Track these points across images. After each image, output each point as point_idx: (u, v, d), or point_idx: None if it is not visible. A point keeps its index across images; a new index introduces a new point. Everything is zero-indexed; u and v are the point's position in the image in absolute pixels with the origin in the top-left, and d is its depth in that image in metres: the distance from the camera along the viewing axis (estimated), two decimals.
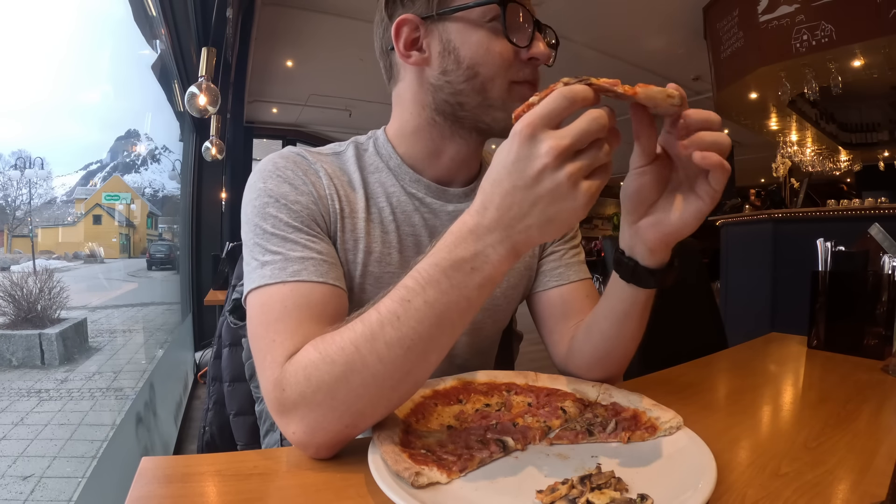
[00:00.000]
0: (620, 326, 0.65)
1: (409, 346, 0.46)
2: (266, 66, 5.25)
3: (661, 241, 0.56)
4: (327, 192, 0.65)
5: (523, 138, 0.42)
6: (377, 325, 0.46)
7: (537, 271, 0.81)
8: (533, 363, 0.79)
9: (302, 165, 0.65)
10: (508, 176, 0.43)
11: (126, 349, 2.56)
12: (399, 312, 0.46)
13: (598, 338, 0.68)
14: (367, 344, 0.46)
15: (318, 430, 0.49)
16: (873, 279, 0.96)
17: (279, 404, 0.50)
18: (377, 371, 0.46)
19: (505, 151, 0.44)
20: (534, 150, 0.42)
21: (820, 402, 0.72)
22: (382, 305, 0.47)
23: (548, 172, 0.42)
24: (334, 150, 0.71)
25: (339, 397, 0.47)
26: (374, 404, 0.49)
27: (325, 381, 0.47)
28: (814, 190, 5.06)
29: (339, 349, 0.47)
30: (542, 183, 0.42)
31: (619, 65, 5.90)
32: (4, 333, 1.66)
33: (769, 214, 3.75)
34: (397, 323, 0.46)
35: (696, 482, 0.42)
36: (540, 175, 0.42)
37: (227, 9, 3.07)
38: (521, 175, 0.42)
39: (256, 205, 0.61)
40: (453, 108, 0.66)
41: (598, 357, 0.70)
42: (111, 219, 2.91)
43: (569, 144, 0.41)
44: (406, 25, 0.65)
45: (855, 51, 3.67)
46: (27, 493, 1.33)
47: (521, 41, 0.63)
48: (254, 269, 0.58)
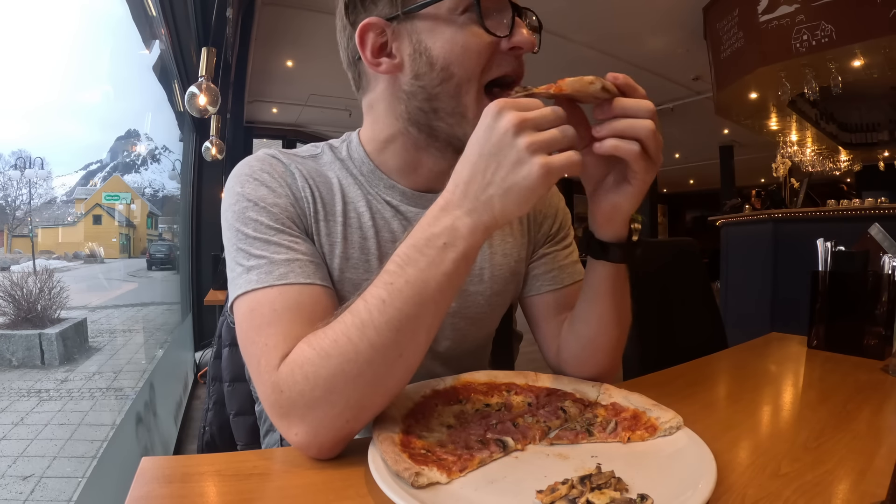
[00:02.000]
0: (593, 306, 0.66)
1: (398, 328, 0.47)
2: (266, 66, 5.25)
3: (603, 215, 0.60)
4: (303, 195, 0.63)
5: (491, 114, 0.47)
6: (365, 312, 0.48)
7: (528, 275, 0.79)
8: (533, 363, 0.79)
9: (277, 168, 0.63)
10: (473, 147, 0.48)
11: (126, 349, 2.56)
12: (384, 296, 0.47)
13: (579, 324, 0.69)
14: (358, 332, 0.47)
15: (321, 427, 0.49)
16: (873, 279, 0.96)
17: (279, 407, 0.50)
18: (371, 358, 0.47)
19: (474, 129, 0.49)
20: (498, 122, 0.46)
21: (820, 402, 0.72)
22: (368, 293, 0.49)
23: (508, 138, 0.46)
24: (311, 153, 0.69)
25: (337, 390, 0.47)
26: (372, 393, 0.49)
27: (323, 375, 0.47)
28: (814, 190, 5.07)
29: (332, 342, 0.48)
30: (503, 150, 0.46)
31: (620, 65, 5.90)
32: (4, 333, 1.66)
33: (769, 214, 3.75)
34: (383, 307, 0.47)
35: (696, 482, 0.42)
36: (500, 141, 0.46)
37: (227, 9, 3.07)
38: (485, 144, 0.47)
39: (236, 210, 0.59)
40: (428, 116, 0.62)
41: (583, 345, 0.69)
42: (111, 219, 2.91)
43: (530, 117, 0.46)
44: (371, 31, 0.60)
45: (855, 51, 3.67)
46: (27, 493, 1.33)
47: (500, 31, 0.58)
48: (239, 275, 0.57)
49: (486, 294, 0.74)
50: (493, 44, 0.59)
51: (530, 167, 0.45)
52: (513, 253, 0.76)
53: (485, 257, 0.74)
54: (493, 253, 0.75)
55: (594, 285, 0.66)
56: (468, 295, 0.73)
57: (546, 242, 0.80)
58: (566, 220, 0.84)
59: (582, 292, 0.68)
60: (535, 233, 0.80)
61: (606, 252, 0.62)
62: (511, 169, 0.46)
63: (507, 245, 0.76)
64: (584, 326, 0.69)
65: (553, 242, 0.81)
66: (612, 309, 0.66)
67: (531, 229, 0.80)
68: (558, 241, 0.81)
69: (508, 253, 0.76)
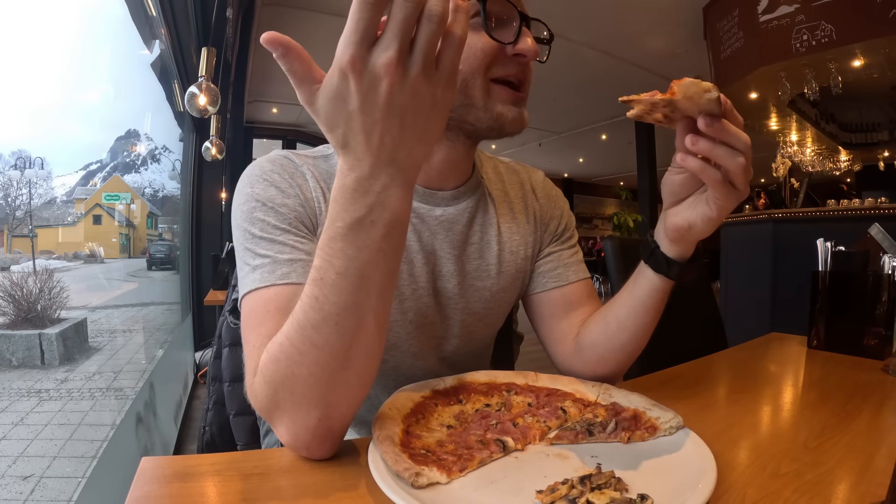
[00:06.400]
0: (637, 316, 0.67)
1: (338, 321, 0.44)
2: (266, 66, 5.26)
3: (675, 232, 0.61)
4: (314, 195, 0.64)
5: (356, 74, 0.38)
6: (300, 312, 0.45)
7: (533, 273, 0.81)
8: (533, 363, 0.79)
9: (288, 168, 0.65)
10: (361, 116, 0.39)
11: (126, 349, 2.56)
12: (315, 293, 0.44)
13: (616, 328, 0.69)
14: (297, 333, 0.45)
15: (297, 428, 0.48)
16: (873, 279, 0.96)
17: (259, 411, 0.50)
18: (317, 357, 0.44)
19: (342, 96, 0.39)
20: (372, 79, 0.38)
21: (820, 402, 0.72)
22: (303, 292, 0.46)
23: (397, 88, 0.38)
24: (322, 153, 0.71)
25: (297, 391, 0.46)
26: (333, 388, 0.46)
27: (277, 379, 0.47)
28: (814, 190, 5.07)
29: (278, 346, 0.47)
30: (398, 99, 0.39)
31: (620, 65, 5.91)
32: (4, 333, 1.66)
33: (769, 214, 3.75)
34: (317, 304, 0.44)
35: (696, 482, 0.42)
36: (391, 96, 0.38)
37: (227, 9, 3.07)
38: (374, 107, 0.39)
39: (244, 210, 0.61)
40: None
41: (613, 349, 0.70)
42: (111, 219, 2.90)
43: (398, 49, 0.37)
44: None
45: (855, 51, 3.67)
46: (27, 493, 1.33)
47: (504, 37, 0.61)
48: (246, 275, 0.58)
49: (494, 290, 0.75)
50: (497, 47, 0.61)
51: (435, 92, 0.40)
52: (520, 250, 0.78)
53: (493, 253, 0.75)
54: (502, 250, 0.76)
55: (642, 296, 0.66)
56: (475, 290, 0.74)
57: (552, 241, 0.82)
58: (571, 222, 0.86)
59: (626, 299, 0.68)
60: (542, 231, 0.82)
61: (669, 268, 0.63)
62: (418, 110, 0.40)
63: (515, 242, 0.78)
64: (619, 331, 0.69)
65: (559, 241, 0.83)
66: (653, 321, 0.68)
67: (538, 228, 0.81)
68: (564, 241, 0.83)
69: (515, 250, 0.77)
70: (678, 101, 0.49)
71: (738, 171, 0.51)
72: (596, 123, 8.79)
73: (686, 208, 0.59)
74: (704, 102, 0.48)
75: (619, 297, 0.70)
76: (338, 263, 0.43)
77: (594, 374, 0.73)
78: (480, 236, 0.75)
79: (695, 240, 0.61)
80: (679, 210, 0.60)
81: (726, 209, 0.55)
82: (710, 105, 0.48)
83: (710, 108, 0.49)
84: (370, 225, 0.42)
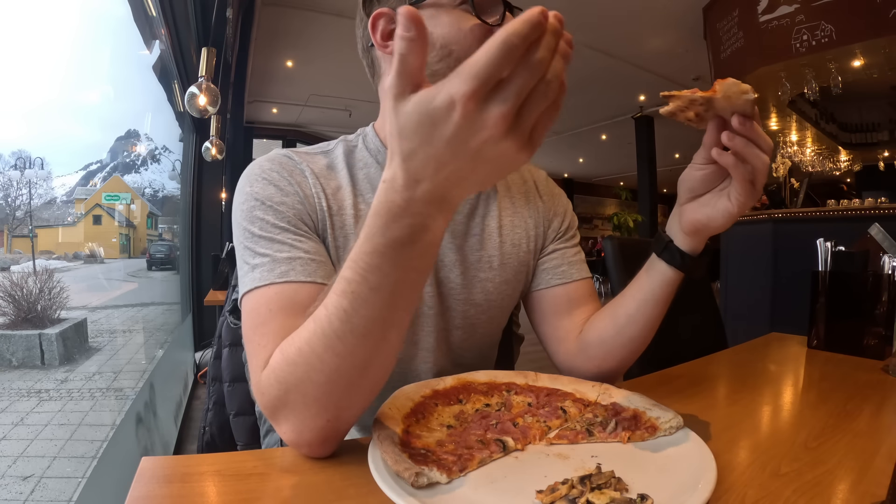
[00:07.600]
0: (647, 309, 0.68)
1: (364, 334, 0.44)
2: (266, 66, 5.26)
3: (691, 226, 0.62)
4: (313, 192, 0.65)
5: (465, 111, 0.35)
6: (326, 321, 0.45)
7: (536, 269, 0.81)
8: (533, 363, 0.79)
9: (287, 166, 0.65)
10: (444, 148, 0.37)
11: (126, 349, 2.56)
12: (345, 306, 0.44)
13: (625, 321, 0.70)
14: (321, 342, 0.45)
15: (303, 428, 0.49)
16: (873, 279, 0.96)
17: (264, 408, 0.51)
18: (338, 365, 0.45)
19: (436, 121, 0.36)
20: (476, 124, 0.35)
21: (820, 402, 0.72)
22: (329, 300, 0.45)
23: (492, 143, 0.36)
24: (323, 149, 0.72)
25: (309, 395, 0.47)
26: (347, 395, 0.47)
27: (292, 382, 0.47)
28: (814, 190, 5.07)
29: (296, 350, 0.47)
30: (487, 153, 0.37)
31: (620, 64, 5.91)
32: (4, 333, 1.66)
33: (769, 214, 3.75)
34: (345, 316, 0.44)
35: (696, 482, 0.42)
36: (483, 146, 0.36)
37: (227, 9, 3.08)
38: (461, 148, 0.37)
39: (244, 209, 0.61)
40: None
41: (621, 343, 0.71)
42: (111, 219, 2.91)
43: (513, 107, 0.35)
44: (382, 18, 0.68)
45: (855, 51, 3.67)
46: (27, 493, 1.33)
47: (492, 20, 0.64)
48: (245, 274, 0.58)
49: (496, 281, 0.76)
50: (487, 30, 0.64)
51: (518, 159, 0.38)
52: (522, 244, 0.79)
53: (495, 245, 0.76)
54: (504, 242, 0.77)
55: (653, 289, 0.67)
56: (478, 281, 0.75)
57: (556, 239, 0.83)
58: (574, 222, 0.87)
59: (636, 292, 0.69)
60: (545, 228, 0.82)
61: (682, 261, 0.65)
62: (496, 167, 0.39)
63: (517, 235, 0.78)
64: (628, 324, 0.70)
65: (563, 239, 0.83)
66: (660, 315, 0.69)
67: (541, 224, 0.82)
68: (567, 239, 0.84)
69: (517, 243, 0.78)
70: (717, 99, 0.50)
71: (763, 169, 0.54)
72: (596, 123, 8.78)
73: (705, 204, 0.61)
74: (741, 103, 0.50)
75: (628, 293, 0.71)
76: (372, 279, 0.42)
77: (597, 371, 0.73)
78: (482, 228, 0.76)
79: (710, 235, 0.64)
80: (698, 206, 0.61)
81: (746, 206, 0.58)
82: (744, 106, 0.50)
83: (744, 108, 0.51)
84: (410, 245, 0.41)
